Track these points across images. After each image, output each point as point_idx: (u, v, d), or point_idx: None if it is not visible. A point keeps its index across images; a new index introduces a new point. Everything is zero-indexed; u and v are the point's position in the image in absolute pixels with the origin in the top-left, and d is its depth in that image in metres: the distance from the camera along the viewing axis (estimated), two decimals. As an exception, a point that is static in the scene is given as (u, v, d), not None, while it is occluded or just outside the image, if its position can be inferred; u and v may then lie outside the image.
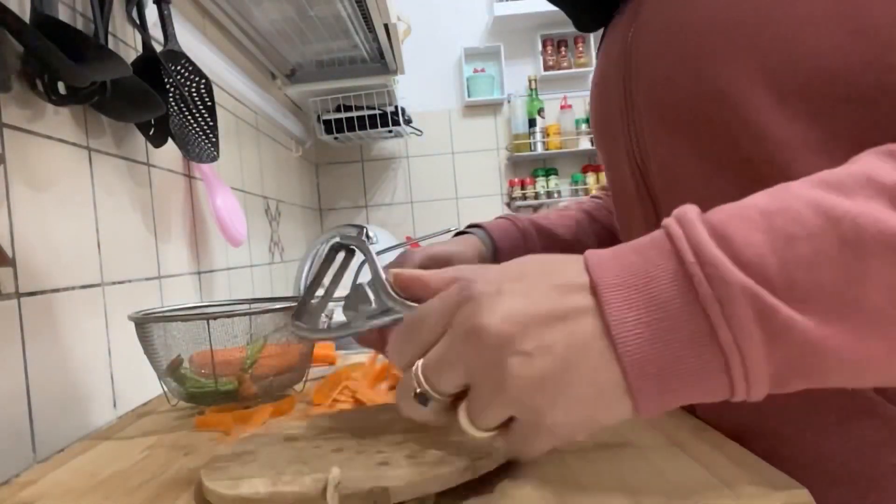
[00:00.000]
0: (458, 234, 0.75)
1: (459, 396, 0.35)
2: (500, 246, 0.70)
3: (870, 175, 0.29)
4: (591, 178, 2.45)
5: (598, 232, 0.76)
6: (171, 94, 0.86)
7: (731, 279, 0.29)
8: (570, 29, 2.29)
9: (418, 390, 0.35)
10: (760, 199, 0.31)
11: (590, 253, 0.33)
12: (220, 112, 1.01)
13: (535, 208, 2.49)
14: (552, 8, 0.64)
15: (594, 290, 0.32)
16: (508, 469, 0.42)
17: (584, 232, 0.75)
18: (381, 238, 1.74)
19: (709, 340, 0.30)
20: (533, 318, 0.32)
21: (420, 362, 0.35)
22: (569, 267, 0.33)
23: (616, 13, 0.56)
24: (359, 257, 0.50)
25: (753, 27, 0.39)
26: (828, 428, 0.42)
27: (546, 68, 2.48)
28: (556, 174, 2.45)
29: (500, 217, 0.75)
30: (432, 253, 0.65)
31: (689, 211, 0.32)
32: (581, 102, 2.53)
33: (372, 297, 0.44)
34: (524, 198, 2.44)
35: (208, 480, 0.41)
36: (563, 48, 2.53)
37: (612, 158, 0.56)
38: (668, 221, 0.32)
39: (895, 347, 0.29)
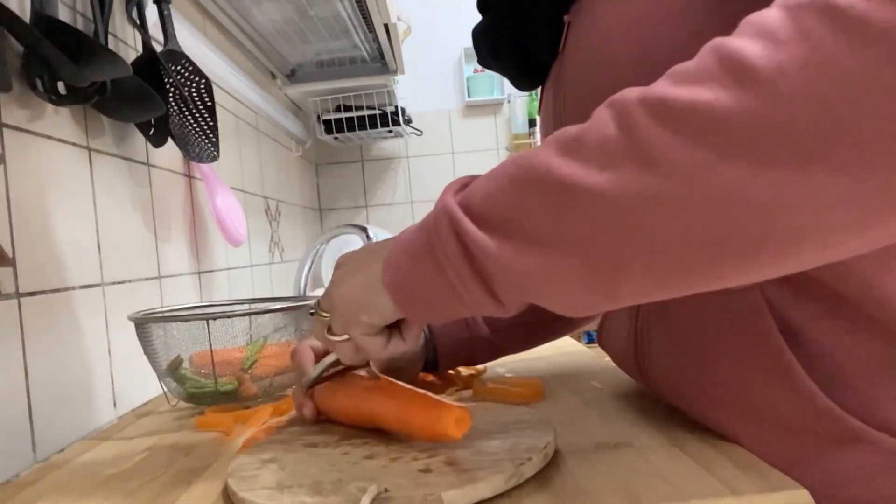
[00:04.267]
0: None
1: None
2: (434, 325, 0.68)
3: (554, 135, 0.36)
4: (591, 178, 2.45)
5: None
6: (171, 94, 0.86)
7: (446, 209, 0.38)
8: (570, 29, 2.29)
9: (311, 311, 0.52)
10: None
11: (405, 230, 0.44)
12: (220, 112, 1.01)
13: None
14: None
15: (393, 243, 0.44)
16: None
17: None
18: (381, 238, 1.74)
19: (430, 252, 0.39)
20: (358, 252, 0.47)
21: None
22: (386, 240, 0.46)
23: (547, 74, 0.62)
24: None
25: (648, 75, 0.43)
26: (821, 456, 0.42)
27: (546, 68, 2.47)
28: (556, 174, 2.45)
29: None
30: None
31: (453, 182, 0.42)
32: (581, 102, 2.52)
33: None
34: (524, 198, 2.44)
35: (242, 490, 0.40)
36: (563, 48, 2.52)
37: None
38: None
39: (548, 266, 0.35)
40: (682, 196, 0.31)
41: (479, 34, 0.65)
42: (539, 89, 0.66)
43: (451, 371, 0.72)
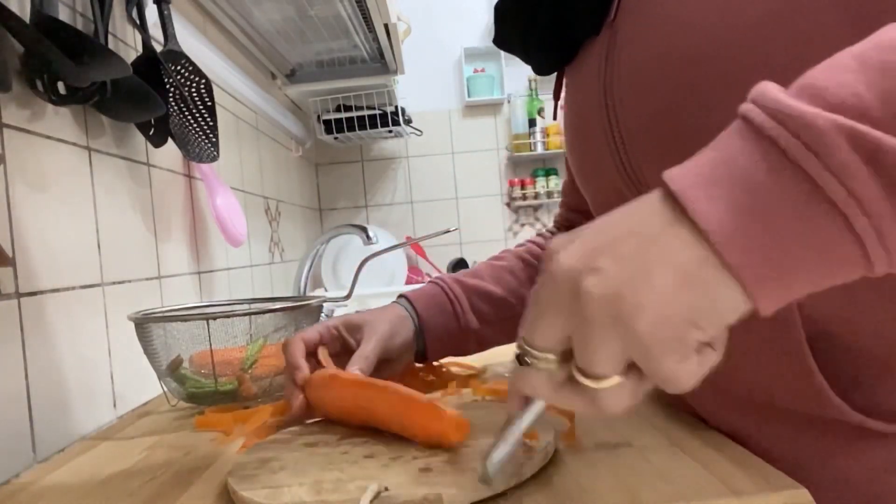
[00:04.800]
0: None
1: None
2: (424, 315, 0.67)
3: None
4: (591, 178, 2.45)
5: (534, 277, 0.72)
6: (171, 94, 0.86)
7: (823, 124, 0.25)
8: (570, 29, 2.29)
9: (517, 351, 0.33)
10: (852, 47, 0.28)
11: (668, 170, 0.29)
12: (220, 112, 1.01)
13: (536, 208, 2.49)
14: None
15: (670, 199, 0.29)
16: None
17: (518, 281, 0.72)
18: (381, 238, 1.74)
19: (817, 200, 0.26)
20: (600, 243, 0.30)
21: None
22: (644, 197, 0.31)
23: (576, 55, 0.54)
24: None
25: (740, 50, 0.37)
26: (838, 451, 0.42)
27: (546, 68, 2.47)
28: (557, 174, 2.45)
29: (431, 281, 0.72)
30: (348, 320, 0.64)
31: (765, 84, 0.28)
32: (581, 102, 2.52)
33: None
34: (524, 198, 2.44)
35: (242, 490, 0.40)
36: (563, 48, 2.52)
37: (603, 199, 0.54)
38: (743, 105, 0.29)
39: None
40: None
41: (510, 5, 0.57)
42: (555, 76, 0.60)
43: (445, 369, 0.72)
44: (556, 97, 0.60)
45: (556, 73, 0.59)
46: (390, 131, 2.14)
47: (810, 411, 0.43)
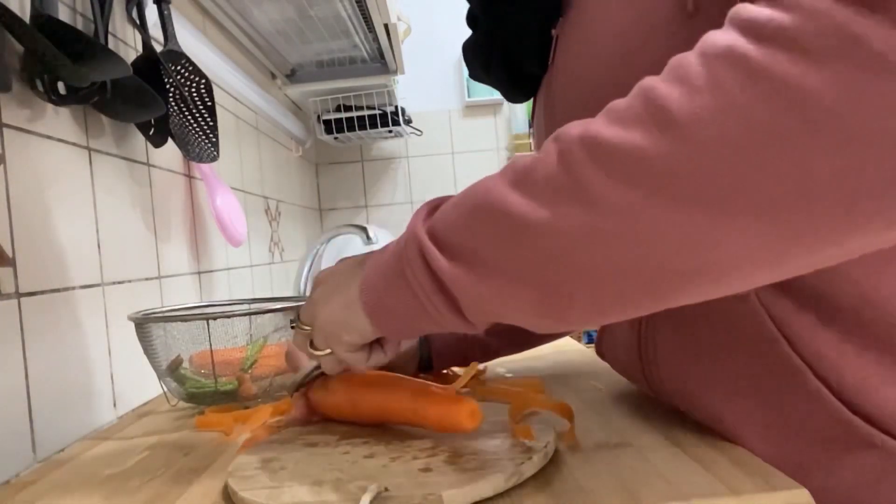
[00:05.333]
0: None
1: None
2: None
3: (513, 162, 0.38)
4: (591, 178, 2.44)
5: None
6: (171, 94, 0.86)
7: (415, 237, 0.41)
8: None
9: (291, 320, 0.55)
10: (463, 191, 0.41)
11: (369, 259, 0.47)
12: (220, 112, 1.01)
13: (535, 208, 2.49)
14: None
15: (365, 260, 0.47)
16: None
17: None
18: (382, 238, 1.74)
19: (402, 276, 0.41)
20: (333, 271, 0.50)
21: None
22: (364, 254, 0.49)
23: (539, 88, 0.62)
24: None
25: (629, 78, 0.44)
26: (829, 461, 0.42)
27: (546, 68, 2.47)
28: (556, 174, 2.45)
29: None
30: None
31: (424, 205, 0.44)
32: (581, 102, 2.52)
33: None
34: (524, 198, 2.44)
35: (242, 490, 0.40)
36: (563, 48, 2.52)
37: None
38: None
39: (504, 293, 0.37)
40: (616, 231, 0.33)
41: (469, 48, 0.67)
42: (532, 100, 0.67)
43: (445, 371, 0.72)
44: (531, 124, 0.68)
45: (532, 99, 0.66)
46: (390, 131, 2.13)
47: (799, 415, 0.43)
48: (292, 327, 0.52)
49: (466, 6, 0.67)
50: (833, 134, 0.28)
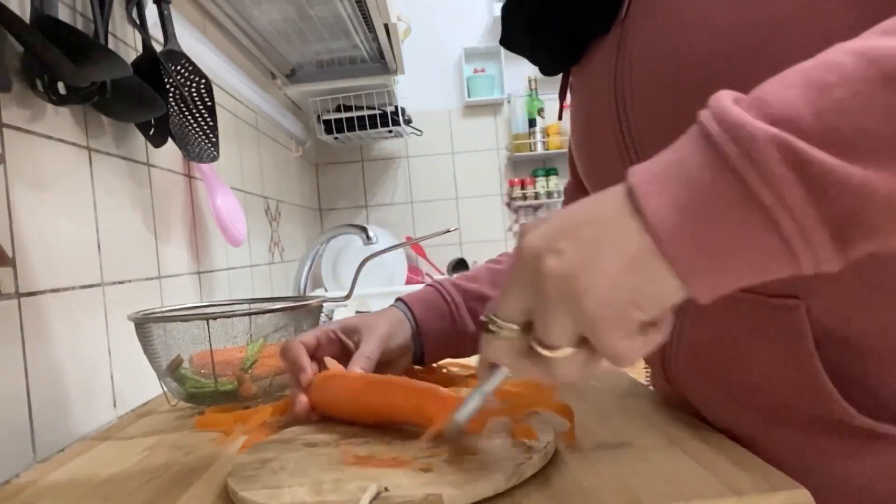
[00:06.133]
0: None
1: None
2: (421, 319, 0.67)
3: (870, 34, 0.29)
4: (591, 178, 2.45)
5: None
6: (171, 94, 0.86)
7: (760, 135, 0.28)
8: (570, 29, 2.28)
9: (483, 319, 0.36)
10: (806, 62, 0.30)
11: (633, 166, 0.33)
12: (220, 112, 1.01)
13: (536, 208, 2.49)
14: None
15: (629, 192, 0.32)
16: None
17: None
18: (381, 238, 1.74)
19: (750, 203, 0.29)
20: (565, 226, 0.33)
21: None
22: (610, 188, 0.34)
23: (584, 54, 0.54)
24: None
25: (753, 50, 0.38)
26: (842, 453, 0.42)
27: (546, 68, 2.47)
28: (557, 174, 2.45)
29: (429, 285, 0.72)
30: (345, 323, 0.64)
31: (721, 92, 0.31)
32: (581, 102, 2.51)
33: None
34: (524, 198, 2.44)
35: (242, 490, 0.40)
36: (563, 48, 2.52)
37: None
38: (702, 110, 0.31)
39: None
40: None
41: (514, 6, 0.58)
42: (561, 76, 0.59)
43: (445, 370, 0.72)
44: (562, 98, 0.60)
45: (561, 74, 0.59)
46: (390, 131, 2.14)
47: (815, 413, 0.43)
48: (490, 331, 0.35)
49: (467, 6, 0.65)
50: None
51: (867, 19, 0.32)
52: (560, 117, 0.63)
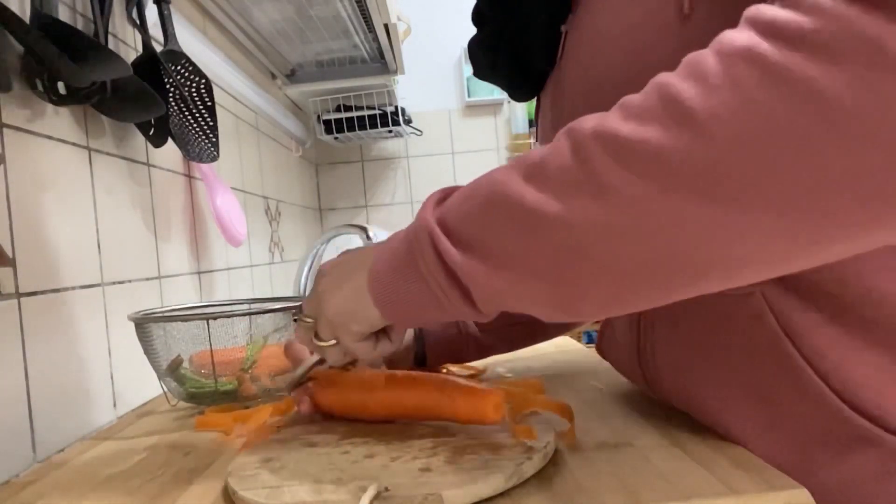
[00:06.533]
0: None
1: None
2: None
3: (523, 155, 0.38)
4: (591, 178, 2.44)
5: None
6: (171, 94, 0.86)
7: (427, 227, 0.41)
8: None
9: (294, 314, 0.55)
10: (482, 176, 0.41)
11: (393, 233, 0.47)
12: (220, 112, 1.01)
13: (535, 208, 2.49)
14: None
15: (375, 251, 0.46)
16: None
17: None
18: (382, 238, 1.74)
19: (415, 269, 0.42)
20: (340, 261, 0.50)
21: None
22: (374, 245, 0.48)
23: (545, 84, 0.62)
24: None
25: (635, 65, 0.45)
26: (828, 460, 0.42)
27: (546, 68, 2.47)
28: (556, 174, 2.45)
29: None
30: None
31: (435, 192, 0.44)
32: (581, 102, 2.51)
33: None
34: (524, 198, 2.44)
35: (242, 490, 0.40)
36: (563, 48, 2.52)
37: None
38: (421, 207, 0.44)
39: (517, 286, 0.38)
40: (631, 225, 0.33)
41: (475, 46, 0.67)
42: (536, 98, 0.66)
43: (446, 371, 0.72)
44: (536, 121, 0.67)
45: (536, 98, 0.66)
46: (390, 131, 2.13)
47: (799, 411, 0.43)
48: (295, 320, 0.53)
49: (467, 6, 0.67)
50: (851, 134, 0.28)
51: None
52: (537, 139, 0.69)
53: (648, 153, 0.32)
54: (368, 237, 1.35)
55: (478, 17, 0.67)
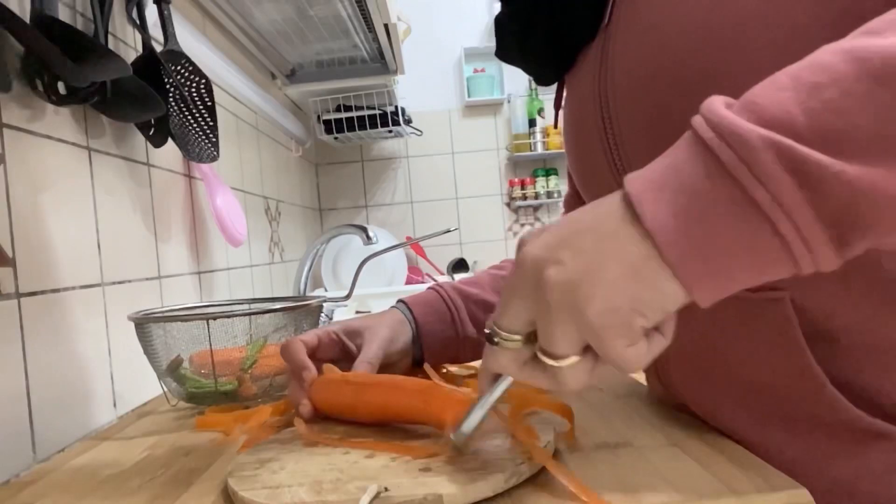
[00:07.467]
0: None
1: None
2: (422, 322, 0.67)
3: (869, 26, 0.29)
4: (591, 178, 2.45)
5: None
6: (171, 94, 0.86)
7: (752, 138, 0.29)
8: (570, 29, 2.28)
9: (487, 331, 0.36)
10: (793, 65, 0.31)
11: (629, 174, 0.33)
12: (220, 112, 1.01)
13: (536, 208, 2.49)
14: None
15: (626, 199, 0.32)
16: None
17: None
18: (381, 238, 1.74)
19: (747, 206, 0.29)
20: (564, 236, 0.33)
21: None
22: (608, 197, 0.34)
23: (574, 65, 0.56)
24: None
25: (723, 47, 0.39)
26: (839, 453, 0.42)
27: (546, 68, 2.47)
28: (557, 174, 2.45)
29: (430, 288, 0.71)
30: (347, 325, 0.64)
31: (713, 98, 0.31)
32: (581, 102, 2.52)
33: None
34: (524, 198, 2.44)
35: (242, 490, 0.40)
36: (563, 48, 2.52)
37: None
38: (694, 116, 0.32)
39: None
40: None
41: (504, 20, 0.59)
42: (555, 86, 0.62)
43: (444, 370, 0.72)
44: (557, 107, 0.61)
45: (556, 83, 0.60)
46: (390, 131, 2.14)
47: (813, 412, 0.43)
48: (493, 342, 0.36)
49: (467, 6, 0.66)
50: None
51: (830, 21, 0.32)
52: (556, 125, 0.64)
53: None
54: (368, 237, 1.35)
55: None
